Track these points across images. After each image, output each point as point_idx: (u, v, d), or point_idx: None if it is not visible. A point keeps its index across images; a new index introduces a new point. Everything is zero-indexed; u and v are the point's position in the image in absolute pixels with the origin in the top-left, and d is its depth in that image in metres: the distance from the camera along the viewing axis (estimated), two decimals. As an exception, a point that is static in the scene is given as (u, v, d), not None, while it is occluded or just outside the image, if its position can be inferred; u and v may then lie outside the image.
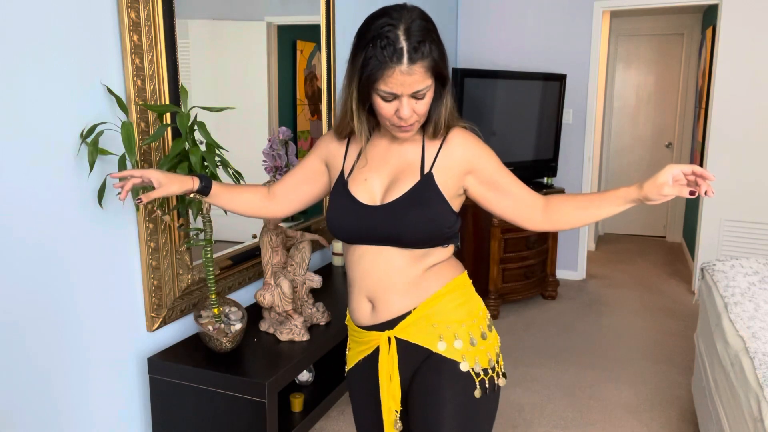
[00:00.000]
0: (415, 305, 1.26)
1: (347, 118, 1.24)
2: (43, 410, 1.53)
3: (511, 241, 3.87)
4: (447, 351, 1.24)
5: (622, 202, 1.20)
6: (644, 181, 1.17)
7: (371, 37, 1.11)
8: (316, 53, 2.65)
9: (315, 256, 2.73)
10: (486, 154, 1.26)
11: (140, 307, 1.79)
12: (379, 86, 1.13)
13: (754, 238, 4.00)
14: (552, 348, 3.42)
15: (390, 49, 1.09)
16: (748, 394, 1.65)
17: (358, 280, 1.29)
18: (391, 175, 1.26)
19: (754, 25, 3.82)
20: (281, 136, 2.02)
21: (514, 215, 1.28)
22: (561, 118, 4.29)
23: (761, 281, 2.36)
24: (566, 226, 1.27)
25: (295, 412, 2.00)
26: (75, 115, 1.54)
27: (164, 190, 1.34)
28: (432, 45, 1.12)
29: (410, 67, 1.10)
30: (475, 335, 1.28)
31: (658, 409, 2.73)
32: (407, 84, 1.11)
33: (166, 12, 1.73)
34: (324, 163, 1.38)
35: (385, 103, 1.15)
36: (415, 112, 1.16)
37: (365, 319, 1.30)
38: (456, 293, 1.29)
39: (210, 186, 1.39)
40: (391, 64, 1.09)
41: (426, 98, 1.16)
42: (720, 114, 3.99)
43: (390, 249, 1.24)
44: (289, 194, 1.44)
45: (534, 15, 4.45)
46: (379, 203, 1.24)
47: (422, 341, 1.25)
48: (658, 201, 1.16)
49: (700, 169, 1.12)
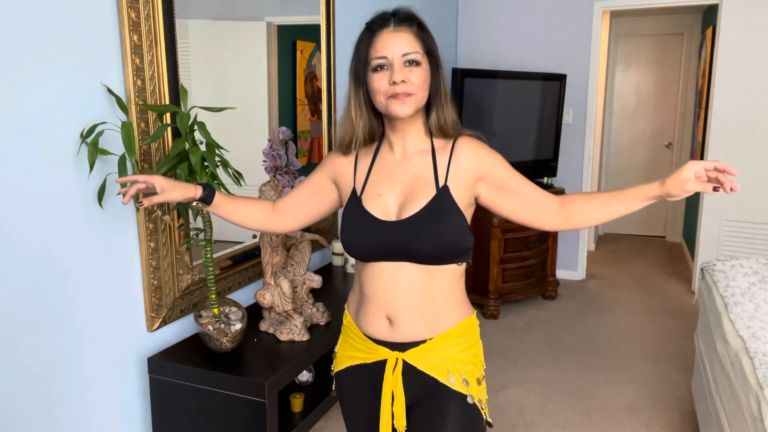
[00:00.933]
0: (430, 336, 1.26)
1: (351, 117, 1.26)
2: (43, 410, 1.53)
3: (511, 241, 3.87)
4: (456, 386, 1.27)
5: (643, 199, 1.20)
6: (666, 178, 1.16)
7: (364, 28, 1.22)
8: (316, 53, 2.65)
9: (315, 256, 2.73)
10: (496, 159, 1.27)
11: (140, 307, 1.79)
12: (370, 55, 1.19)
13: (754, 238, 4.00)
14: (552, 348, 3.42)
15: (379, 21, 1.20)
16: (748, 394, 1.65)
17: (378, 296, 1.27)
18: (405, 190, 1.25)
19: (754, 25, 3.82)
20: (281, 136, 2.02)
21: (529, 217, 1.28)
22: (561, 118, 4.29)
23: (761, 281, 2.36)
24: (585, 224, 1.27)
25: (295, 412, 2.00)
26: (75, 115, 1.54)
27: (166, 196, 1.33)
28: (419, 22, 1.22)
29: (397, 27, 1.19)
30: (478, 377, 1.31)
31: (658, 409, 2.73)
32: (395, 43, 1.17)
33: (166, 12, 1.73)
34: (331, 180, 1.36)
35: (378, 75, 1.19)
36: (409, 81, 1.18)
37: (379, 334, 1.29)
38: (466, 336, 1.31)
39: (213, 195, 1.38)
40: (379, 30, 1.19)
41: (420, 70, 1.19)
42: (720, 114, 3.99)
43: (406, 265, 1.23)
44: (295, 210, 1.41)
45: (534, 15, 4.45)
46: (395, 218, 1.23)
47: (430, 371, 1.27)
48: (680, 197, 1.16)
49: (723, 164, 1.11)
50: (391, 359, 1.27)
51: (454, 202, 1.22)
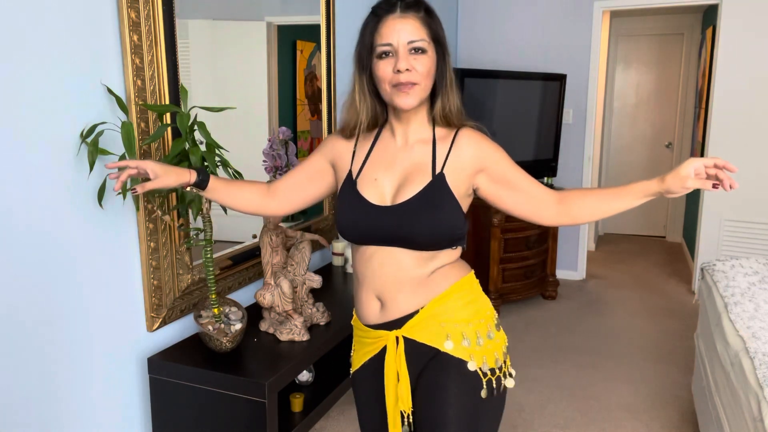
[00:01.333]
0: (423, 304, 1.25)
1: (356, 102, 1.26)
2: (43, 410, 1.53)
3: (511, 241, 3.87)
4: (454, 350, 1.24)
5: (642, 196, 1.20)
6: (665, 175, 1.17)
7: (370, 12, 1.21)
8: (316, 53, 2.65)
9: (315, 256, 2.73)
10: (497, 153, 1.27)
11: (140, 307, 1.79)
12: (375, 42, 1.17)
13: (754, 238, 4.00)
14: (552, 348, 3.42)
15: (385, 5, 1.18)
16: (748, 394, 1.65)
17: (368, 278, 1.28)
18: (402, 175, 1.25)
19: (754, 25, 3.82)
20: (281, 136, 2.02)
21: (527, 211, 1.28)
22: (561, 118, 4.29)
23: (761, 281, 2.36)
24: (583, 220, 1.27)
25: (295, 412, 2.00)
26: (75, 115, 1.53)
27: (160, 182, 1.32)
28: (426, 7, 1.19)
29: (403, 13, 1.16)
30: (482, 334, 1.27)
31: (658, 409, 2.73)
32: (401, 30, 1.15)
33: (166, 12, 1.73)
34: (329, 163, 1.36)
35: (383, 62, 1.17)
36: (414, 69, 1.17)
37: (373, 318, 1.29)
38: (463, 292, 1.29)
39: (207, 180, 1.36)
40: (385, 15, 1.17)
41: (425, 58, 1.18)
42: (720, 114, 3.99)
43: (400, 250, 1.23)
44: (290, 192, 1.41)
45: (534, 15, 4.45)
46: (390, 203, 1.24)
47: (429, 340, 1.25)
48: (679, 194, 1.17)
49: (722, 161, 1.12)
50: (391, 340, 1.27)
51: (449, 189, 1.22)
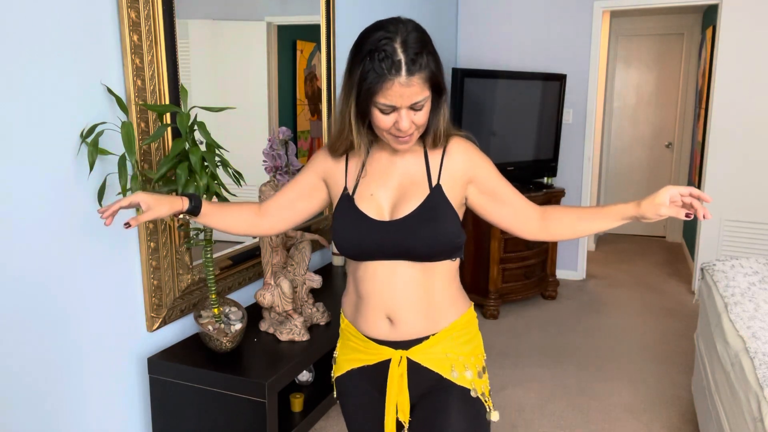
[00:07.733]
0: (433, 331, 1.28)
1: (345, 131, 1.22)
2: (43, 410, 1.53)
3: (511, 241, 3.87)
4: (459, 380, 1.28)
5: (619, 218, 1.23)
6: (642, 200, 1.20)
7: (368, 51, 1.10)
8: (316, 53, 2.65)
9: (315, 256, 2.73)
10: (486, 164, 1.28)
11: (140, 307, 1.79)
12: (377, 99, 1.12)
13: (754, 238, 4.00)
14: (552, 348, 3.42)
15: (388, 62, 1.09)
16: (748, 394, 1.65)
17: (375, 296, 1.27)
18: (398, 189, 1.25)
19: (754, 25, 3.82)
20: (281, 136, 2.02)
21: (511, 224, 1.31)
22: (561, 118, 4.29)
23: (761, 281, 2.36)
24: (562, 237, 1.31)
25: (295, 412, 2.00)
26: (75, 115, 1.54)
27: (153, 213, 1.28)
28: (429, 56, 1.12)
29: (409, 78, 1.10)
30: (480, 369, 1.33)
31: (658, 409, 2.73)
32: (406, 96, 1.11)
33: (166, 12, 1.73)
34: (321, 179, 1.34)
35: (383, 115, 1.15)
36: (413, 123, 1.16)
37: (380, 335, 1.29)
38: (466, 329, 1.33)
39: (200, 206, 1.33)
40: (390, 76, 1.09)
41: (424, 109, 1.16)
42: (720, 114, 3.99)
43: (402, 263, 1.24)
44: (282, 211, 1.38)
45: (534, 15, 4.45)
46: (388, 218, 1.24)
47: (435, 367, 1.28)
48: (653, 220, 1.19)
49: (697, 191, 1.15)
50: (395, 358, 1.28)
51: (448, 200, 1.24)
